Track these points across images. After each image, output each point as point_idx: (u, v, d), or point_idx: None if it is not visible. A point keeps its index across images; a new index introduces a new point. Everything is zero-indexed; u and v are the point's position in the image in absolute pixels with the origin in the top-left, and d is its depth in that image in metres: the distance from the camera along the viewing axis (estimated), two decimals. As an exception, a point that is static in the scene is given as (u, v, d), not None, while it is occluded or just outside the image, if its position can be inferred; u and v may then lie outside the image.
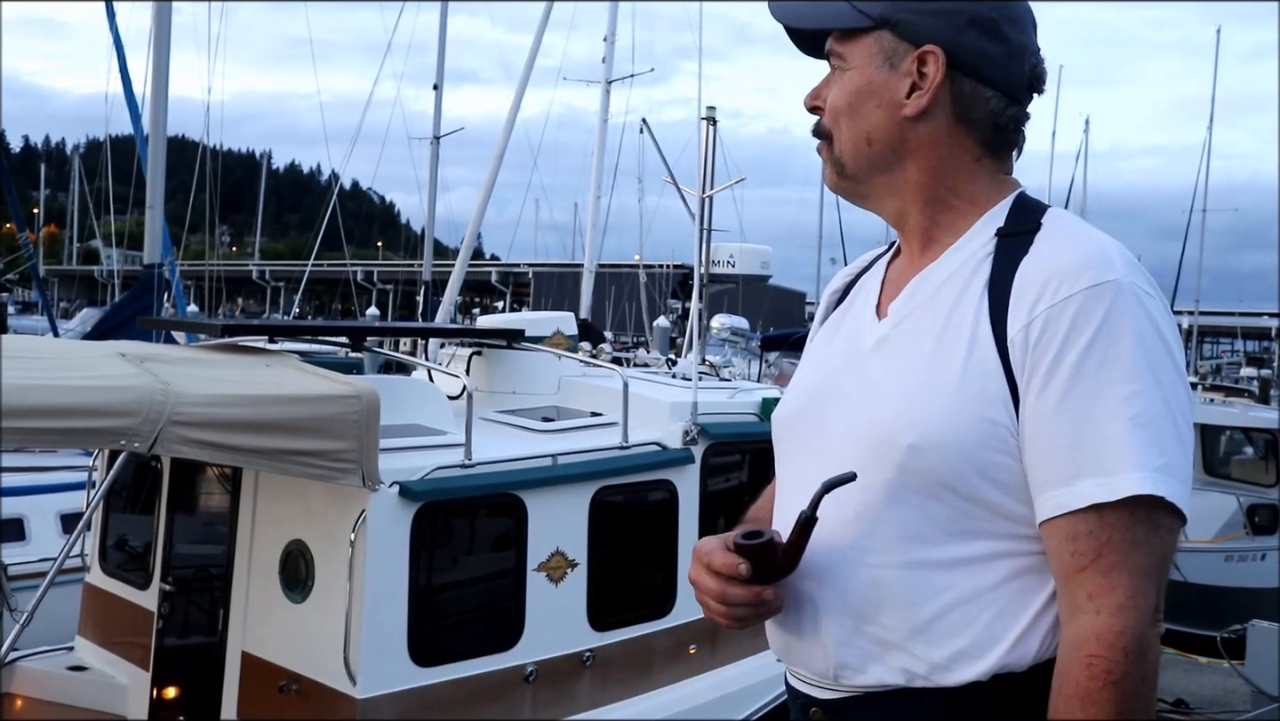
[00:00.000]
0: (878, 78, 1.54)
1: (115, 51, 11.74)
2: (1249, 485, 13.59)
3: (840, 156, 1.60)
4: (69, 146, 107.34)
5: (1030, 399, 1.39)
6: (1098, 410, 1.35)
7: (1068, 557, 1.36)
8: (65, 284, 62.00)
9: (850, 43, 1.57)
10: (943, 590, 1.43)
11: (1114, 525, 1.33)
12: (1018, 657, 1.41)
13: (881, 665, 1.46)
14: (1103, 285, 1.37)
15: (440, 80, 19.75)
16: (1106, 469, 1.33)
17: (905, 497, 1.43)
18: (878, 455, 1.45)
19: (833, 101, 1.58)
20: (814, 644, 1.52)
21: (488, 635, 5.13)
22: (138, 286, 10.45)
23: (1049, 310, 1.38)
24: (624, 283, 31.28)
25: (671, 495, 5.87)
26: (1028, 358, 1.39)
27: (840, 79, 1.58)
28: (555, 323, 7.33)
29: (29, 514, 8.41)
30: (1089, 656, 1.31)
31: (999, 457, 1.40)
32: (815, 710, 1.55)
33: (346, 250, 27.72)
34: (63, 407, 3.91)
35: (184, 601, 5.49)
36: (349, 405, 4.42)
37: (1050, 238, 1.46)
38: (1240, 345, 51.43)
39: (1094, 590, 1.33)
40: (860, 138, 1.56)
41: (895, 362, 1.51)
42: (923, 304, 1.53)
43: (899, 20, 1.52)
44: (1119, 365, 1.35)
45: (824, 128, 1.61)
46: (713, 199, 14.68)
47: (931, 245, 1.57)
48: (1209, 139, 33.92)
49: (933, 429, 1.41)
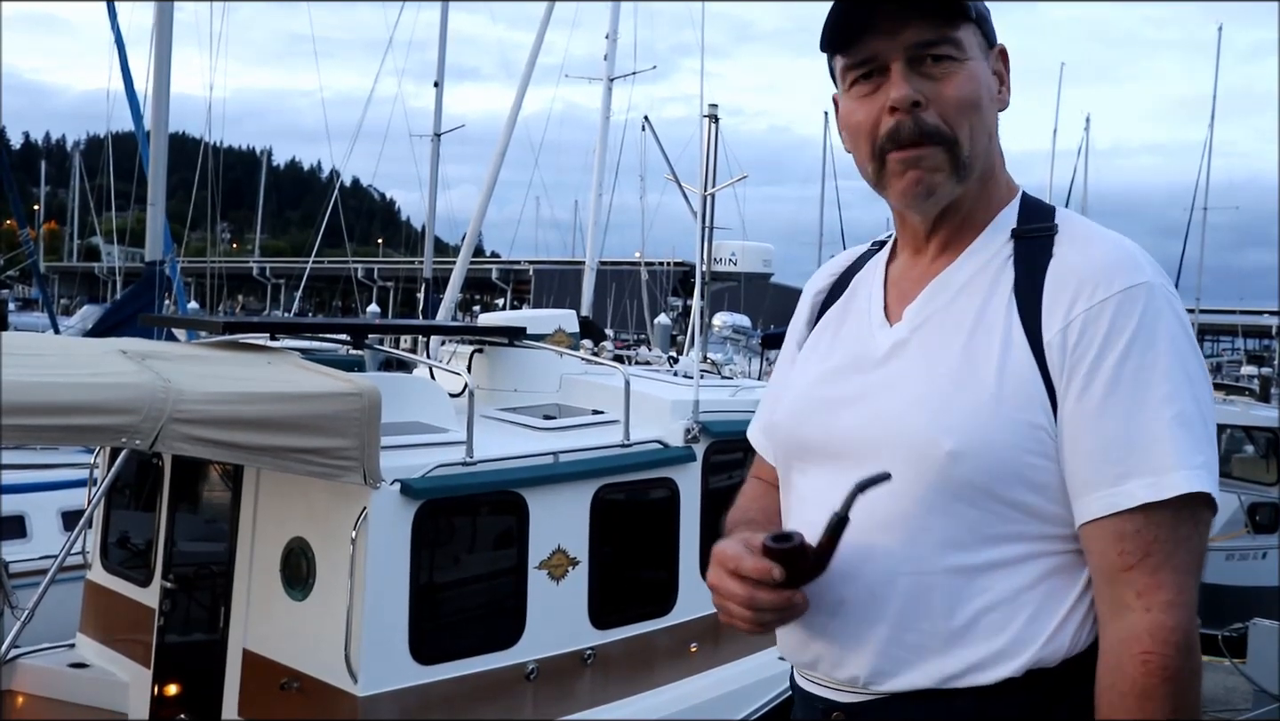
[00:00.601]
0: (987, 69, 1.52)
1: (116, 48, 11.75)
2: (1250, 484, 13.59)
3: (970, 158, 1.48)
4: (69, 143, 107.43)
5: (1070, 401, 1.39)
6: (1141, 411, 1.36)
7: (1114, 557, 1.37)
8: (66, 281, 62.03)
9: (963, 31, 1.48)
10: (980, 593, 1.43)
11: (1160, 523, 1.35)
12: (1050, 653, 1.42)
13: (916, 670, 1.45)
14: (1137, 287, 1.40)
15: (441, 77, 19.75)
16: (1153, 468, 1.35)
17: (942, 504, 1.42)
18: (914, 462, 1.43)
19: (959, 95, 1.46)
20: (844, 651, 1.49)
21: (489, 633, 5.13)
22: (139, 283, 10.47)
23: (1086, 312, 1.39)
24: (625, 280, 31.26)
25: (673, 493, 5.87)
26: (1066, 360, 1.40)
27: (959, 70, 1.47)
28: (556, 320, 7.33)
29: (30, 511, 8.42)
30: (1144, 653, 1.33)
31: (1038, 460, 1.41)
32: (837, 714, 1.53)
33: (348, 247, 27.68)
34: (64, 405, 3.90)
35: (185, 599, 5.49)
36: (350, 403, 4.42)
37: (1071, 240, 1.48)
38: (1241, 343, 51.40)
39: (1142, 588, 1.35)
40: (984, 133, 1.50)
41: (920, 367, 1.49)
42: (944, 307, 1.51)
43: (984, 16, 1.52)
44: (1157, 366, 1.37)
45: (938, 126, 1.46)
46: (714, 196, 14.68)
47: (947, 246, 1.56)
48: (1210, 137, 33.87)
49: (974, 434, 1.40)
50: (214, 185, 19.34)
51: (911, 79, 1.46)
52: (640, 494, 5.87)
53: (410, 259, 42.96)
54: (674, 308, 27.04)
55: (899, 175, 1.49)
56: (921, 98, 1.46)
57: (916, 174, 1.48)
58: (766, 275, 25.81)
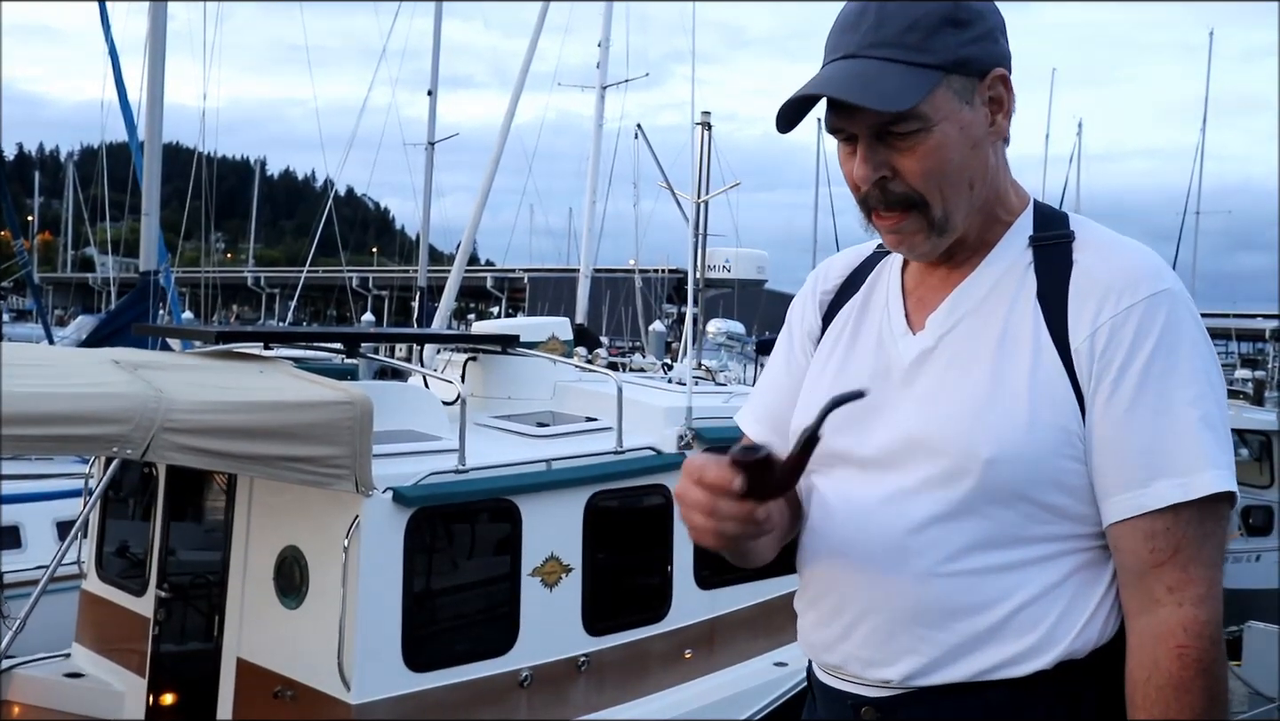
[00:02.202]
0: (966, 118, 1.49)
1: (110, 58, 11.76)
2: (1244, 487, 13.43)
3: (945, 218, 1.50)
4: (63, 154, 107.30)
5: (1099, 404, 1.43)
6: (1167, 413, 1.41)
7: (1145, 554, 1.41)
8: (60, 291, 61.91)
9: (924, 103, 1.46)
10: (1014, 591, 1.46)
11: (1188, 521, 1.40)
12: (1080, 645, 1.46)
13: (952, 668, 1.48)
14: (1160, 294, 1.44)
15: (435, 86, 19.76)
16: (1182, 469, 1.40)
17: (978, 508, 1.45)
18: (952, 471, 1.46)
19: (923, 167, 1.47)
20: (877, 653, 1.52)
21: (483, 640, 5.14)
22: (133, 293, 10.45)
23: (1113, 319, 1.43)
24: (620, 287, 31.30)
25: (666, 500, 5.88)
26: (1094, 365, 1.43)
27: (925, 141, 1.46)
28: (550, 328, 7.34)
29: (25, 521, 8.42)
30: (1179, 647, 1.38)
31: (1070, 464, 1.44)
32: (867, 709, 1.55)
33: (342, 256, 27.67)
34: (56, 415, 3.91)
35: (180, 608, 5.49)
36: (343, 411, 4.43)
37: (1090, 247, 1.51)
38: (1235, 347, 51.50)
39: (1174, 583, 1.40)
40: (963, 185, 1.50)
41: (951, 377, 1.51)
42: (969, 316, 1.53)
43: (964, 59, 1.48)
44: (1181, 370, 1.42)
45: (905, 194, 1.49)
46: (708, 204, 14.72)
47: (965, 256, 1.57)
48: (1202, 141, 34.00)
49: (1010, 441, 1.44)
50: (208, 195, 19.33)
51: (877, 151, 1.48)
52: (633, 500, 5.88)
53: (405, 268, 42.95)
54: (669, 314, 27.08)
55: (885, 233, 1.55)
56: (887, 170, 1.48)
57: (895, 237, 1.53)
58: (760, 282, 25.81)
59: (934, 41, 1.46)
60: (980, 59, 1.50)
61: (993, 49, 1.51)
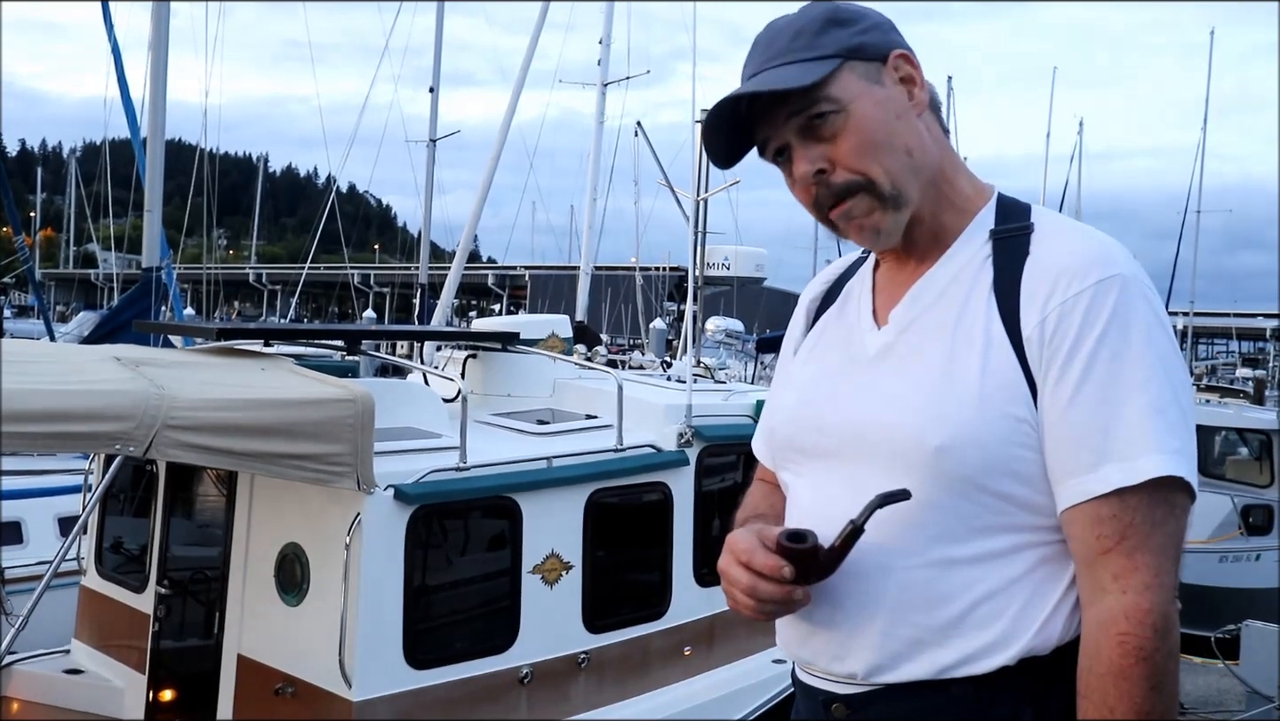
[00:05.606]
0: (880, 94, 1.54)
1: (113, 54, 11.74)
2: (1244, 485, 13.61)
3: (894, 188, 1.52)
4: (66, 150, 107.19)
5: (1048, 391, 1.44)
6: (1114, 398, 1.40)
7: (1092, 541, 1.40)
8: (62, 287, 61.91)
9: (831, 85, 1.51)
10: (973, 584, 1.47)
11: (1135, 507, 1.39)
12: (1042, 642, 1.45)
13: (914, 662, 1.49)
14: (1110, 279, 1.43)
15: (436, 83, 19.74)
16: (1127, 453, 1.38)
17: (934, 498, 1.46)
18: (904, 459, 1.48)
19: (851, 146, 1.51)
20: (842, 646, 1.53)
21: (483, 637, 5.14)
22: (135, 290, 10.44)
23: (1061, 305, 1.43)
24: (620, 285, 31.32)
25: (666, 497, 5.89)
26: (1044, 352, 1.44)
27: (845, 122, 1.51)
28: (550, 325, 7.34)
29: (27, 517, 8.44)
30: (1120, 635, 1.37)
31: (1023, 452, 1.45)
32: (837, 705, 1.57)
33: (344, 253, 27.68)
34: (57, 412, 3.92)
35: (180, 604, 5.50)
36: (344, 408, 4.44)
37: (1047, 236, 1.52)
38: (1235, 346, 51.47)
39: (1119, 570, 1.39)
40: (899, 152, 1.52)
41: (907, 368, 1.53)
42: (927, 309, 1.56)
43: (857, 45, 1.54)
44: (1130, 354, 1.41)
45: (848, 181, 1.52)
46: (708, 201, 14.71)
47: (929, 251, 1.60)
48: (1203, 140, 33.93)
49: (960, 429, 1.44)
50: (210, 191, 19.31)
51: (809, 149, 1.53)
52: (633, 498, 5.89)
53: (406, 264, 42.93)
54: (669, 312, 27.07)
55: (846, 228, 1.57)
56: (825, 163, 1.53)
57: (855, 224, 1.56)
58: (760, 279, 25.81)
59: (822, 39, 1.53)
60: (875, 44, 1.56)
61: (885, 37, 1.57)
